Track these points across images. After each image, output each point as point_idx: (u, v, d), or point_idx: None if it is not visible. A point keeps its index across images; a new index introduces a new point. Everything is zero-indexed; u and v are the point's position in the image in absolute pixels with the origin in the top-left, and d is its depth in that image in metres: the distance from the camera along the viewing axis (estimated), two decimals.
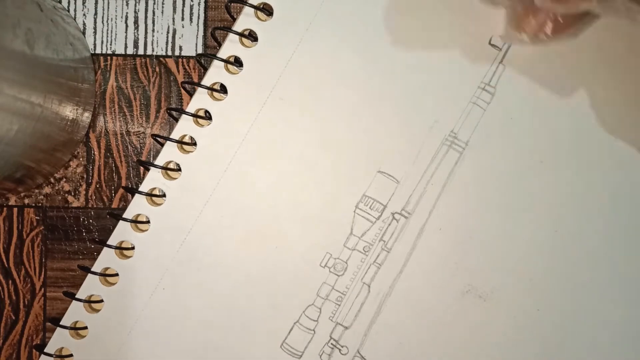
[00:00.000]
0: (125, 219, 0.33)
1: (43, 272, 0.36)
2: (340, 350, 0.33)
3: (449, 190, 0.33)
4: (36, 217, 0.36)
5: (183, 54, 0.36)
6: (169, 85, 0.36)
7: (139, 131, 0.36)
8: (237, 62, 0.34)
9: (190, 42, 0.36)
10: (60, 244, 0.36)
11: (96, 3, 0.36)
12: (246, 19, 0.33)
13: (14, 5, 0.28)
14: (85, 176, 0.36)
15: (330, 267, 0.33)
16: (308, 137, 0.33)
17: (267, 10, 0.33)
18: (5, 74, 0.27)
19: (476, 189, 0.33)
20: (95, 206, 0.36)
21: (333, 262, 0.33)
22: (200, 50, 0.36)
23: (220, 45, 0.34)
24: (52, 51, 0.31)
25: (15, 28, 0.28)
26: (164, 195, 0.33)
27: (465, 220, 0.33)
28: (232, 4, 0.34)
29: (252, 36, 0.33)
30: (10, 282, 0.36)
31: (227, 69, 0.34)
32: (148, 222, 0.33)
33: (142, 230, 0.33)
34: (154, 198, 0.34)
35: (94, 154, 0.36)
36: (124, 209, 0.36)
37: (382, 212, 0.33)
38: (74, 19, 0.36)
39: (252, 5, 0.33)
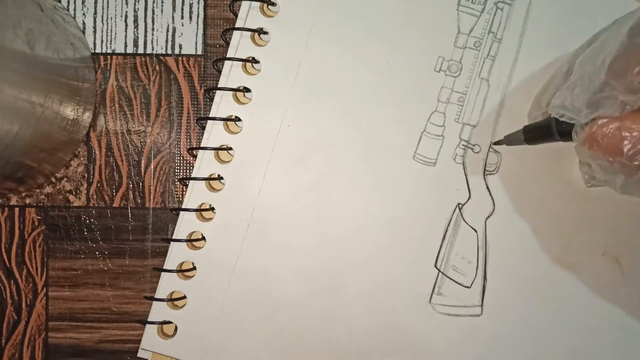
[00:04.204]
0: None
1: (45, 272, 0.36)
2: (472, 149, 0.33)
3: None
4: (37, 217, 0.36)
5: (183, 52, 0.36)
6: (169, 83, 0.36)
7: (140, 130, 0.36)
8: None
9: (190, 41, 0.36)
10: (61, 244, 0.36)
11: (95, 2, 0.36)
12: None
13: (15, 6, 0.28)
14: (86, 175, 0.36)
15: (445, 70, 0.33)
16: None
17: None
18: (6, 74, 0.27)
19: None
20: (96, 205, 0.36)
21: (447, 64, 0.33)
22: (200, 49, 0.36)
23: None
24: (52, 51, 0.31)
25: (16, 28, 0.28)
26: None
27: None
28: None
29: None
30: (12, 282, 0.36)
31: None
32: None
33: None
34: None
35: (94, 153, 0.36)
36: (125, 207, 0.36)
37: (484, 4, 0.33)
38: (74, 18, 0.36)
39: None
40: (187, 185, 0.34)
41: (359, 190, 0.34)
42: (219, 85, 0.34)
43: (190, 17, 0.36)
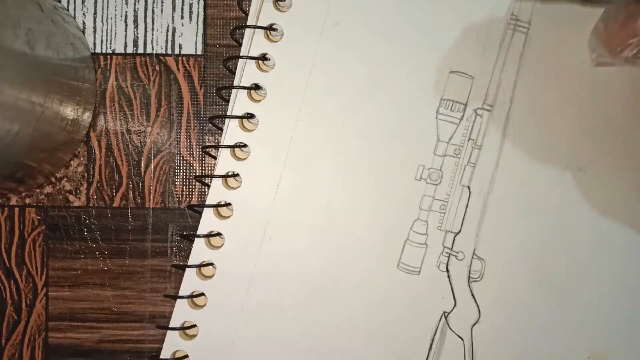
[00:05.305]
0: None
1: (45, 272, 0.36)
2: (456, 256, 0.33)
3: (523, 73, 0.33)
4: (37, 217, 0.36)
5: (183, 52, 0.36)
6: (169, 83, 0.36)
7: (140, 130, 0.36)
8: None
9: (190, 41, 0.36)
10: (61, 244, 0.36)
11: (95, 2, 0.36)
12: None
13: (15, 6, 0.28)
14: (86, 175, 0.36)
15: (426, 178, 0.33)
16: (371, 62, 0.34)
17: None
18: (6, 74, 0.27)
19: (549, 66, 0.33)
20: (96, 205, 0.36)
21: (427, 172, 0.33)
22: (200, 49, 0.36)
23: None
24: (52, 51, 0.31)
25: (16, 28, 0.28)
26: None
27: (546, 97, 0.33)
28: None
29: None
30: (12, 282, 0.36)
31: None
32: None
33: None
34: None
35: (94, 153, 0.36)
36: (125, 207, 0.36)
37: (463, 111, 0.33)
38: (74, 18, 0.36)
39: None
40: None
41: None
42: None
43: (190, 17, 0.36)
